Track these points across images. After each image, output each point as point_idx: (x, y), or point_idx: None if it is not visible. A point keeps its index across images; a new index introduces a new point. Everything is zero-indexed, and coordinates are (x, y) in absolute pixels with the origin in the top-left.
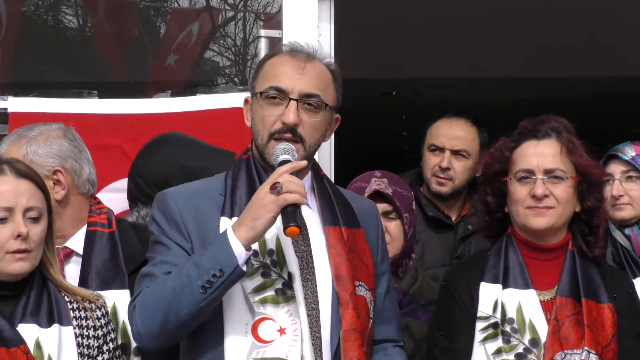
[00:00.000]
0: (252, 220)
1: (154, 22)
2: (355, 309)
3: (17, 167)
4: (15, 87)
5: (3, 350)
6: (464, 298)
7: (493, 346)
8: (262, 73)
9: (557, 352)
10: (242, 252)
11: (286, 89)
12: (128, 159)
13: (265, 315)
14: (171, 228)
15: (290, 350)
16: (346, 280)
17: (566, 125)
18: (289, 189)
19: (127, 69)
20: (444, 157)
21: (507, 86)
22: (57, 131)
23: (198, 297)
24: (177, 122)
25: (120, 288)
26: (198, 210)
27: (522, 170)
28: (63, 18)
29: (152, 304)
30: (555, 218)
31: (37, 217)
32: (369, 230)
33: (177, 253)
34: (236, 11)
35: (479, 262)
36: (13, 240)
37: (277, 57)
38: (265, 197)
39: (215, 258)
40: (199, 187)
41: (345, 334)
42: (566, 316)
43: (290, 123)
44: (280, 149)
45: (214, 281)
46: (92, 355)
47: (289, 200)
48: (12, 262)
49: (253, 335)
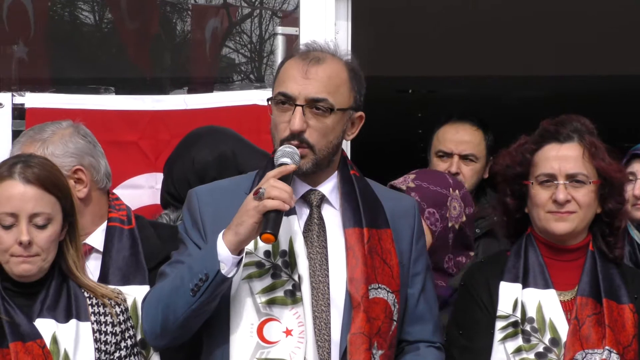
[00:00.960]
0: (236, 226)
1: (171, 19)
2: (365, 312)
3: (27, 172)
4: (32, 83)
5: (19, 344)
6: (483, 297)
7: (513, 345)
8: (278, 77)
9: (577, 352)
10: (228, 256)
11: (292, 95)
12: (144, 155)
13: (271, 316)
14: (192, 227)
15: (294, 352)
16: (359, 283)
17: (588, 127)
18: (271, 194)
19: (151, 65)
20: (452, 163)
21: (521, 84)
22: (69, 129)
23: (189, 299)
24: (194, 118)
25: (141, 284)
26: (219, 208)
27: (544, 175)
28: (79, 14)
29: (154, 303)
30: (576, 223)
31: (44, 223)
32: (401, 230)
33: (191, 252)
34: (253, 8)
35: (499, 262)
36: (16, 246)
37: (289, 60)
38: (249, 203)
39: (203, 262)
40: (226, 185)
41: (352, 337)
42: (587, 316)
43: (294, 130)
44: (282, 151)
45: (200, 285)
46: (110, 351)
47: (268, 207)
48: (17, 264)
49: (258, 336)
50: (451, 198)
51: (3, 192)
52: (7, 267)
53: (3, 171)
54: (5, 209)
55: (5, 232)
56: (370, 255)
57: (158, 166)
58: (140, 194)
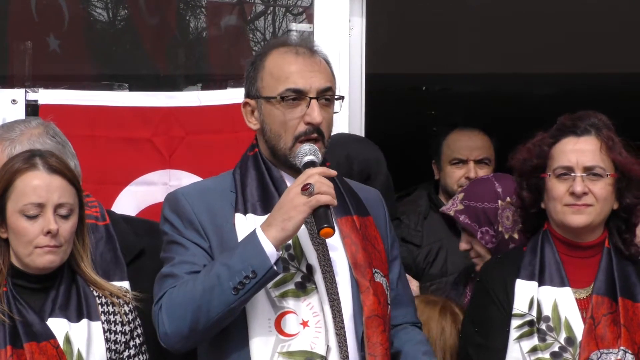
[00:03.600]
0: (283, 221)
1: (185, 16)
2: (375, 295)
3: (50, 162)
4: (45, 79)
5: (33, 344)
6: (500, 295)
7: (528, 344)
8: (267, 75)
9: (592, 352)
10: (273, 252)
11: (304, 89)
12: (158, 152)
13: (288, 309)
14: (186, 227)
15: (315, 342)
16: (364, 268)
17: (606, 122)
18: (321, 190)
19: (165, 62)
20: (469, 169)
21: (534, 81)
22: (38, 128)
23: (229, 298)
24: (208, 115)
25: (120, 279)
26: (211, 208)
27: (561, 167)
28: (93, 11)
29: (181, 305)
30: (593, 216)
31: (67, 213)
32: (377, 217)
33: (195, 252)
34: (267, 5)
35: (515, 259)
36: (42, 237)
37: (279, 57)
38: (297, 198)
39: (247, 259)
40: (209, 185)
41: (368, 320)
42: (602, 315)
43: (317, 123)
44: (304, 150)
45: (246, 282)
46: (119, 350)
47: (321, 202)
48: (41, 255)
49: (277, 330)
50: (502, 209)
51: (28, 183)
52: (28, 260)
53: (21, 164)
54: (31, 199)
55: (30, 223)
56: (365, 242)
57: (172, 163)
58: (154, 191)
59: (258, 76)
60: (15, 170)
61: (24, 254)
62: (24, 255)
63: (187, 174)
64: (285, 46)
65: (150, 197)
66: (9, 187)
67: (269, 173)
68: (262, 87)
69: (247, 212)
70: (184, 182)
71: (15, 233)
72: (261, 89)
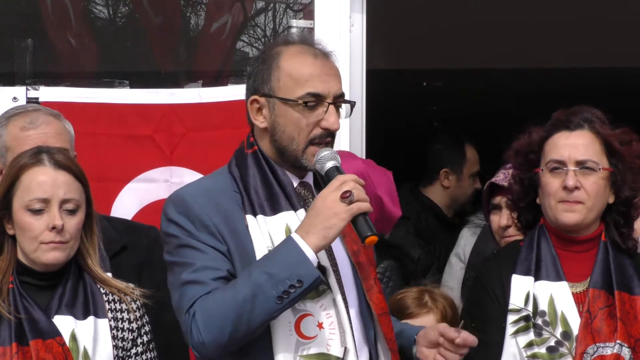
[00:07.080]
0: (324, 229)
1: (185, 12)
2: (380, 292)
3: (57, 157)
4: (46, 77)
5: (39, 341)
6: (496, 290)
7: (524, 339)
8: (284, 75)
9: (589, 345)
10: (315, 261)
11: (323, 94)
12: (159, 149)
13: (306, 311)
14: (199, 230)
15: (329, 344)
16: (367, 266)
17: (599, 116)
18: (360, 197)
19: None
20: None
21: (537, 77)
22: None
23: (273, 307)
24: (209, 112)
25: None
26: (222, 210)
27: (554, 161)
28: (93, 8)
29: (220, 315)
30: (585, 213)
31: (74, 209)
32: None
33: (215, 257)
34: (267, 1)
35: (511, 254)
36: (48, 232)
37: (296, 58)
38: (336, 206)
39: (290, 267)
40: (210, 185)
41: (380, 317)
42: (599, 309)
43: (335, 129)
44: (326, 155)
45: (291, 292)
46: (127, 347)
47: (362, 209)
48: (47, 251)
49: (297, 333)
50: None
51: (33, 178)
52: (34, 256)
53: (27, 160)
54: (36, 194)
55: (35, 218)
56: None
57: (173, 160)
58: (155, 188)
59: (273, 75)
60: (22, 166)
61: (30, 249)
62: (30, 251)
63: (188, 170)
64: (299, 45)
65: (152, 194)
66: (15, 183)
67: (273, 173)
68: (278, 88)
69: (256, 213)
70: (185, 179)
71: (21, 229)
72: (277, 89)
